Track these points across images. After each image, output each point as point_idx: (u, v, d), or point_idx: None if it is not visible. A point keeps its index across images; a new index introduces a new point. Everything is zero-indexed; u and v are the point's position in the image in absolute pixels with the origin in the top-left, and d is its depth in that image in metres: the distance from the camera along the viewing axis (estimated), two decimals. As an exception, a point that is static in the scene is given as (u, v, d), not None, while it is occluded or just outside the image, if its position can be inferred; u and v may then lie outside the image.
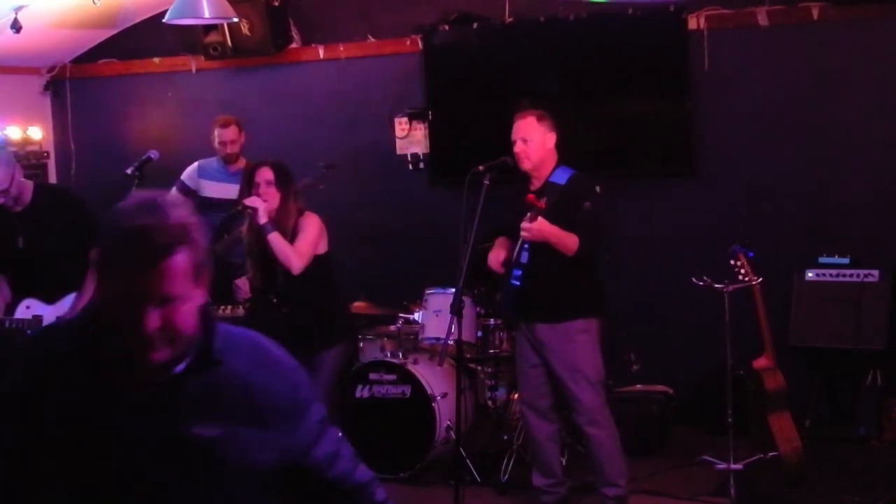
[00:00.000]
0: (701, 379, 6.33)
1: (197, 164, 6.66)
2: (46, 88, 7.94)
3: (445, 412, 5.68)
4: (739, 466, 5.01)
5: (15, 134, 7.47)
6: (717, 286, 5.02)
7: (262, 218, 4.86)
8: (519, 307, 5.09)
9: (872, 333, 5.98)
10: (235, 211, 5.17)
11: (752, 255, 5.09)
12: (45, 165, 7.79)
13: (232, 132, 6.50)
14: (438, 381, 5.79)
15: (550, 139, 4.98)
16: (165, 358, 1.89)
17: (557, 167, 5.00)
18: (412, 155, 7.18)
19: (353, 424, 5.79)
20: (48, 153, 7.84)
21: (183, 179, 6.63)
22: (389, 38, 7.18)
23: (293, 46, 7.33)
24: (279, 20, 7.08)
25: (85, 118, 7.93)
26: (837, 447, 5.88)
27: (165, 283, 1.83)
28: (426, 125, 7.08)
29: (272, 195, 4.93)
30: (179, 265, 1.85)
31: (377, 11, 7.22)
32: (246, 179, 5.15)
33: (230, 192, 6.13)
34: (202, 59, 7.38)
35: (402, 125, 7.20)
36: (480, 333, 5.91)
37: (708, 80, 6.45)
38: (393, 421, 5.80)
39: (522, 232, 4.80)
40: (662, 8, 6.42)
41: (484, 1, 6.88)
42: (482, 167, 4.95)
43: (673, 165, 6.60)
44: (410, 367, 5.83)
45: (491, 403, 6.06)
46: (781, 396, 5.16)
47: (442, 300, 5.81)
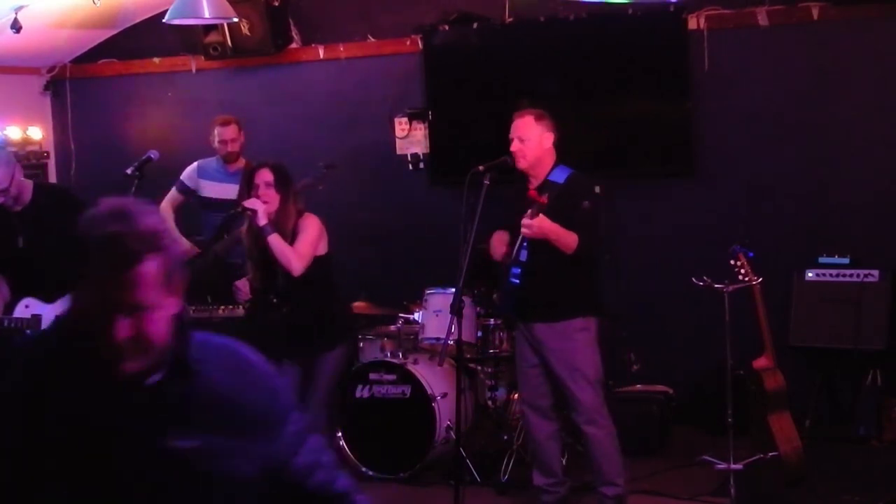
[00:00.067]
0: (701, 379, 6.33)
1: (196, 164, 6.64)
2: (46, 88, 7.93)
3: (445, 412, 5.67)
4: (739, 466, 5.01)
5: (15, 134, 7.46)
6: (717, 286, 5.02)
7: (261, 220, 4.86)
8: (517, 306, 5.09)
9: (872, 333, 5.98)
10: (235, 211, 5.17)
11: (752, 255, 5.09)
12: (45, 165, 7.78)
13: (232, 131, 6.49)
14: (438, 381, 5.79)
15: (548, 139, 4.97)
16: (138, 368, 1.87)
17: (556, 166, 4.99)
18: (412, 155, 7.18)
19: (353, 424, 5.80)
20: (48, 153, 7.83)
21: (182, 179, 6.61)
22: (389, 38, 7.17)
23: (293, 46, 7.32)
24: (279, 20, 7.08)
25: (85, 118, 7.92)
26: (837, 447, 5.87)
27: (135, 291, 1.81)
28: (426, 125, 7.07)
29: (272, 197, 4.93)
30: (149, 273, 1.82)
31: (377, 11, 7.22)
32: (245, 181, 5.15)
33: (230, 192, 6.12)
34: (202, 59, 7.37)
35: (402, 125, 7.19)
36: (480, 333, 5.90)
37: (708, 80, 6.44)
38: (393, 421, 5.80)
39: (523, 229, 4.80)
40: (662, 8, 6.42)
41: (484, 1, 6.88)
42: (482, 167, 4.94)
43: (673, 165, 6.60)
44: (410, 367, 5.83)
45: (491, 403, 6.05)
46: (781, 396, 5.16)
47: (442, 300, 5.80)
